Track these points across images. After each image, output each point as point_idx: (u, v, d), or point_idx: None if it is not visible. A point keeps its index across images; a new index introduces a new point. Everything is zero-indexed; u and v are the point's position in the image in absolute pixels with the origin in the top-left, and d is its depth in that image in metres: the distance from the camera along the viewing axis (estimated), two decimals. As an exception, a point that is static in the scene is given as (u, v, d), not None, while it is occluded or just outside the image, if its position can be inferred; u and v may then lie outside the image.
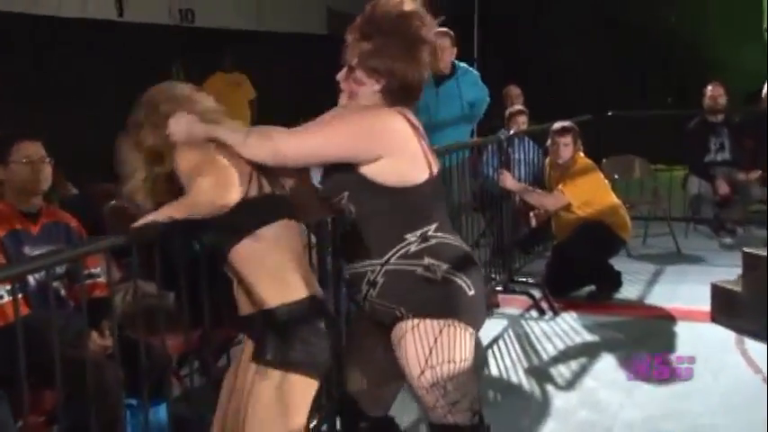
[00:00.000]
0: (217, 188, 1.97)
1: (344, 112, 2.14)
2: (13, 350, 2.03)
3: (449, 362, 2.11)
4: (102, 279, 3.01)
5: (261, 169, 2.10)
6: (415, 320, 2.10)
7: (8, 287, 2.42)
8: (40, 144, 2.92)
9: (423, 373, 2.12)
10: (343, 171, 2.09)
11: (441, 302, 2.11)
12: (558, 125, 4.97)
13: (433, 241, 2.11)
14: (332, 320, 2.17)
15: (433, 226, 2.12)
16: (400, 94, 2.11)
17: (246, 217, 2.05)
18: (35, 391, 2.49)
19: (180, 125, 2.09)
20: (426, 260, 2.09)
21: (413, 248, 2.09)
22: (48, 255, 2.34)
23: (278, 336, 2.02)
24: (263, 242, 2.04)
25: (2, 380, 2.43)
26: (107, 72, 6.11)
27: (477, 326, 2.19)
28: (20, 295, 2.55)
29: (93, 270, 2.96)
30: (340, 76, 2.15)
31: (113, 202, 4.29)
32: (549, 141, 5.01)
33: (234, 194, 1.99)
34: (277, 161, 2.07)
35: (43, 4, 5.91)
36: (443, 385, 2.12)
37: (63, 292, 2.95)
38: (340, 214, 2.17)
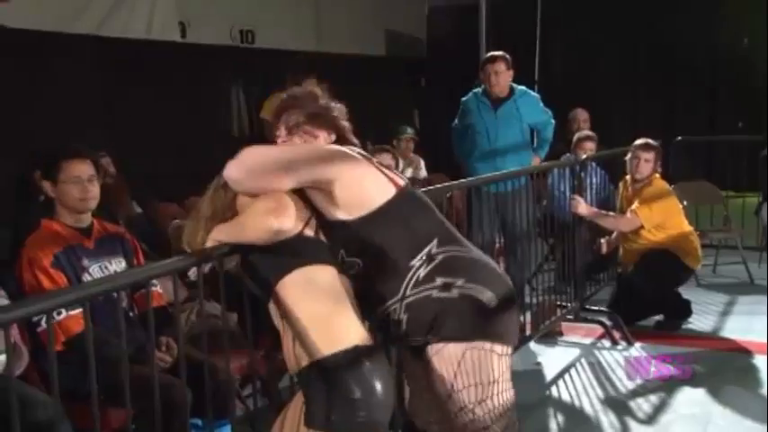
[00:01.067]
0: (271, 212, 1.99)
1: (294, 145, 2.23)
2: (76, 367, 2.06)
3: (475, 385, 2.09)
4: (157, 288, 3.03)
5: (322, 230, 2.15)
6: (438, 345, 2.09)
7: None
8: (90, 162, 2.94)
9: (450, 396, 2.11)
10: (326, 231, 2.13)
11: (460, 324, 2.08)
12: (641, 141, 4.92)
13: (440, 257, 2.10)
14: (386, 370, 2.07)
15: (434, 242, 2.12)
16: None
17: (299, 251, 2.07)
18: (101, 408, 2.52)
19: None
20: (438, 280, 2.08)
21: (422, 273, 2.08)
22: (119, 276, 2.37)
23: (326, 396, 1.97)
24: (310, 282, 2.04)
25: (65, 396, 2.46)
26: (170, 92, 6.25)
27: (506, 340, 2.13)
28: (79, 310, 2.61)
29: None
30: (280, 136, 2.26)
31: (177, 221, 4.38)
32: (628, 156, 4.93)
33: (287, 222, 2.01)
34: (236, 177, 2.10)
35: (109, 25, 6.08)
36: (471, 409, 2.11)
37: (125, 302, 2.97)
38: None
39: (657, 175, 4.93)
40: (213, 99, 6.96)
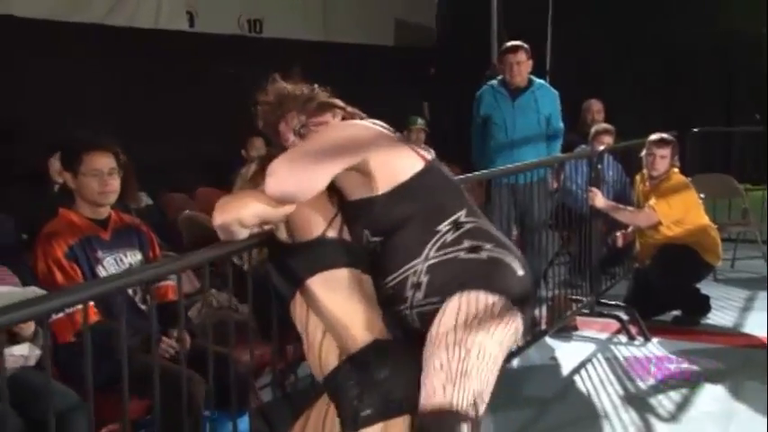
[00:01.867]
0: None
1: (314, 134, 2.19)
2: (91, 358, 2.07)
3: (484, 333, 1.94)
4: (172, 282, 3.04)
5: (346, 220, 2.14)
6: (460, 293, 1.99)
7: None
8: (111, 155, 2.96)
9: (448, 333, 1.95)
10: (352, 214, 2.12)
11: (489, 278, 2.02)
12: (656, 136, 4.89)
13: (468, 226, 2.08)
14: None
15: (463, 212, 2.11)
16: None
17: (321, 253, 2.08)
18: (115, 398, 2.54)
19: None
20: (467, 242, 2.05)
21: (449, 237, 2.06)
22: (146, 268, 2.39)
23: (361, 390, 1.98)
24: (334, 285, 2.06)
25: (81, 387, 2.47)
26: (178, 81, 6.25)
27: (526, 311, 2.07)
28: (91, 303, 2.62)
29: None
30: (291, 142, 2.22)
31: (187, 211, 4.40)
32: (644, 152, 4.92)
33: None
34: (281, 188, 2.01)
35: (116, 15, 6.09)
36: (463, 369, 1.92)
37: (138, 296, 2.99)
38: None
39: (675, 170, 4.92)
40: (221, 88, 6.96)
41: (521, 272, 2.06)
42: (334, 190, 2.15)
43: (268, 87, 2.30)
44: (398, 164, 2.11)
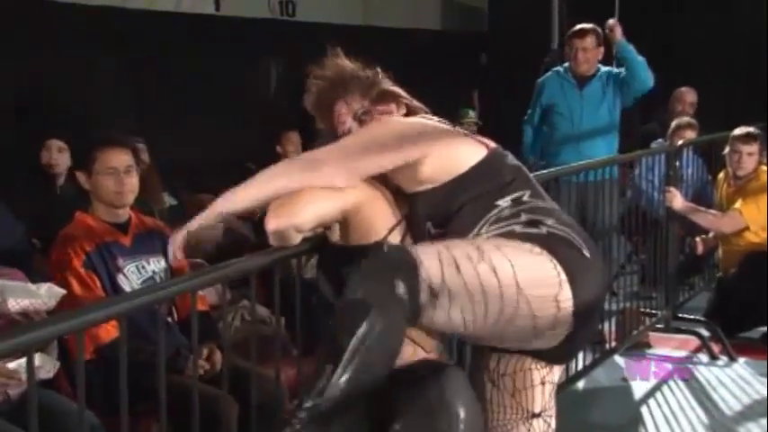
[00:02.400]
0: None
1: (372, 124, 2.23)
2: (108, 377, 2.07)
3: (512, 250, 1.92)
4: (200, 292, 3.03)
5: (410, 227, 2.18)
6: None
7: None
8: (128, 151, 2.96)
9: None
10: (414, 209, 2.16)
11: (542, 242, 1.97)
12: (741, 131, 4.81)
13: (530, 204, 2.08)
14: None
15: (527, 192, 2.10)
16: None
17: None
18: (138, 421, 2.54)
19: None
20: (524, 216, 2.04)
21: (507, 212, 2.05)
22: (188, 277, 2.40)
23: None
24: None
25: (100, 407, 2.47)
26: (202, 69, 6.28)
27: (583, 297, 1.94)
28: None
29: None
30: (348, 126, 2.24)
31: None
32: (727, 149, 4.84)
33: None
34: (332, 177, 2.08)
35: (134, -3, 6.15)
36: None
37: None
38: None
39: (764, 168, 4.83)
40: (251, 78, 6.99)
41: (587, 253, 2.01)
42: (401, 194, 2.18)
43: (327, 61, 2.30)
44: (459, 155, 2.13)
